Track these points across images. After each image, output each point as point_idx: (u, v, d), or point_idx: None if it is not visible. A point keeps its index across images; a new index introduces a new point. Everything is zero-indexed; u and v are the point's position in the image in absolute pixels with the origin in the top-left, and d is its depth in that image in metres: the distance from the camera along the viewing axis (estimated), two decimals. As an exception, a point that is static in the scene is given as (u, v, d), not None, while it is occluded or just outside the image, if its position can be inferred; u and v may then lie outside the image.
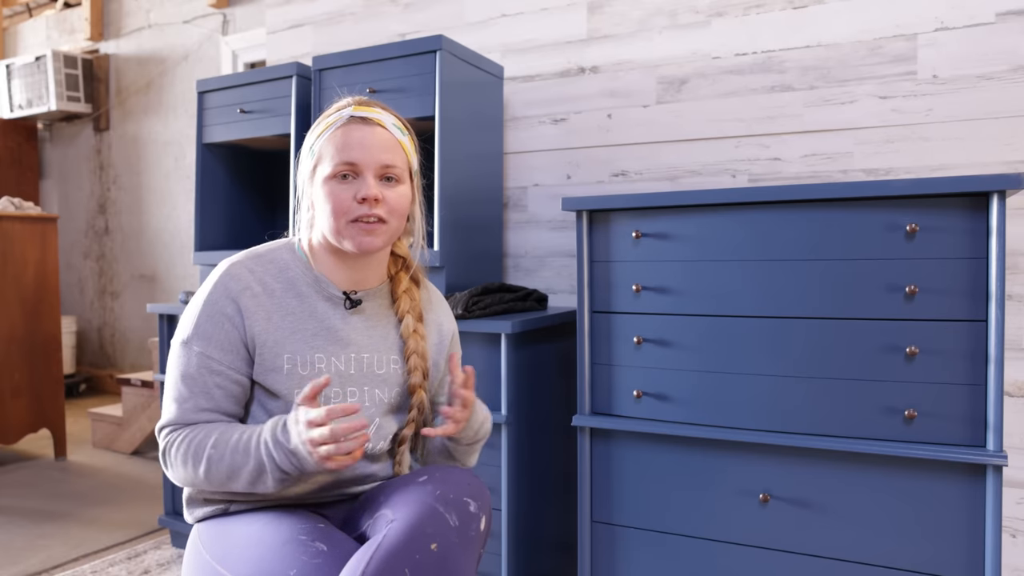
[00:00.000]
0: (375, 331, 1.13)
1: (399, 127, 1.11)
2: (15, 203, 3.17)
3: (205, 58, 4.25)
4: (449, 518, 0.95)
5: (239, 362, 1.05)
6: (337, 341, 1.09)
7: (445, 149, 1.85)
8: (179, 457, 1.02)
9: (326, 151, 1.07)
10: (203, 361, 1.03)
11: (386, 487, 1.07)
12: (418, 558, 0.90)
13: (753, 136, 1.96)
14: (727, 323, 1.45)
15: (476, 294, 1.77)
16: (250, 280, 1.07)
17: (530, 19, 2.26)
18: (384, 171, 1.07)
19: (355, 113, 1.08)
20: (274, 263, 1.10)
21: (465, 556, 0.95)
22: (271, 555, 0.94)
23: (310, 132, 1.12)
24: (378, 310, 1.15)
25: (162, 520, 2.23)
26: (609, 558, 1.57)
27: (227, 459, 0.99)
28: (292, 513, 1.04)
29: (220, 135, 2.28)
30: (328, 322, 1.09)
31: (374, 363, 1.12)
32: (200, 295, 1.07)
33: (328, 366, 1.08)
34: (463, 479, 1.02)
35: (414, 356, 1.14)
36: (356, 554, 0.91)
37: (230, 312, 1.04)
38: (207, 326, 1.04)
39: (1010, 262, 1.69)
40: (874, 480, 1.34)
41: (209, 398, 1.04)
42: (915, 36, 1.78)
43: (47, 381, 3.18)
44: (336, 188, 1.05)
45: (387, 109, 1.12)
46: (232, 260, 1.09)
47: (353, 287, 1.13)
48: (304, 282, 1.10)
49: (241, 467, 0.99)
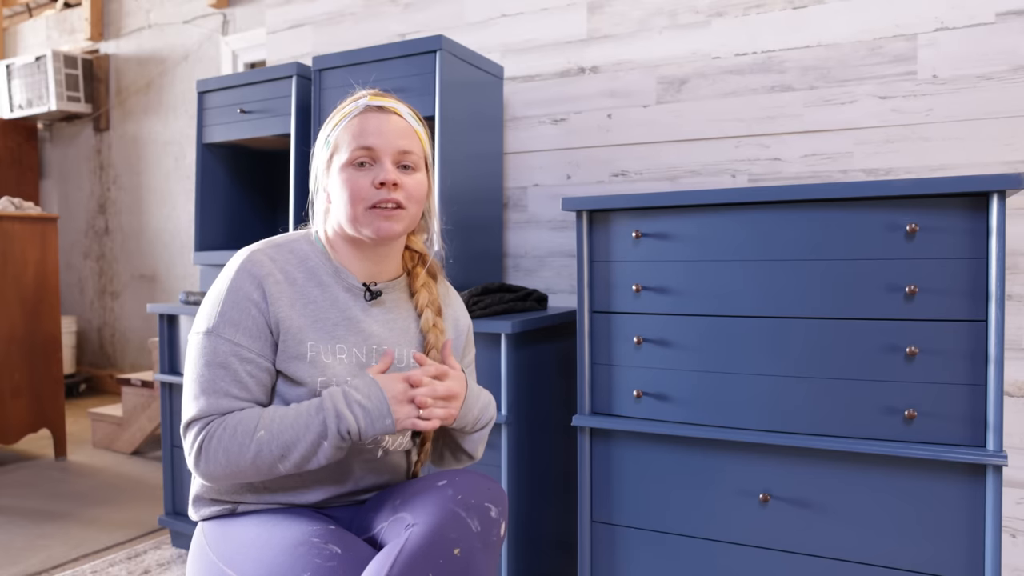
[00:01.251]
0: (395, 324, 1.13)
1: (414, 117, 1.12)
2: (15, 203, 3.17)
3: (205, 58, 4.25)
4: (471, 523, 0.94)
5: (267, 349, 1.03)
6: (359, 332, 1.09)
7: (445, 149, 1.85)
8: (222, 447, 0.98)
9: (343, 139, 1.07)
10: (233, 349, 1.01)
11: (399, 490, 1.06)
12: (442, 563, 0.88)
13: (753, 136, 1.96)
14: (727, 323, 1.45)
15: (476, 294, 1.77)
16: (272, 267, 1.05)
17: (530, 19, 2.26)
18: (401, 157, 1.07)
19: (372, 102, 1.08)
20: (294, 253, 1.09)
21: (487, 562, 0.94)
22: (283, 557, 0.93)
23: (325, 124, 1.12)
24: (397, 303, 1.14)
25: (162, 520, 2.23)
26: (609, 558, 1.57)
27: (283, 435, 0.97)
28: (302, 515, 1.03)
29: (220, 135, 2.28)
30: (349, 312, 1.08)
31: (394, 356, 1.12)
32: (221, 283, 1.04)
33: (349, 356, 1.07)
34: (483, 484, 1.01)
35: (434, 351, 1.13)
36: (377, 557, 0.90)
37: (256, 297, 1.02)
38: (233, 313, 1.01)
39: (1010, 262, 1.69)
40: (874, 480, 1.34)
41: (242, 387, 1.01)
42: (915, 36, 1.78)
43: (47, 381, 3.18)
44: (354, 175, 1.05)
45: (402, 101, 1.13)
46: (251, 248, 1.08)
47: (371, 279, 1.12)
48: (325, 272, 1.09)
49: (298, 440, 0.97)
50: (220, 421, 1.00)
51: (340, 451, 0.99)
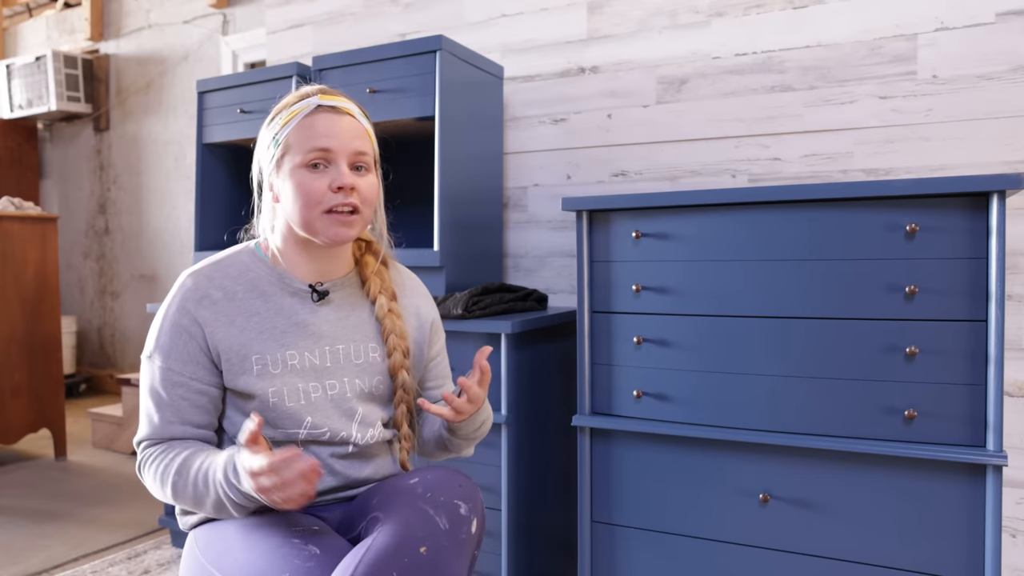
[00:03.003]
0: (348, 321, 1.12)
1: (364, 116, 1.11)
2: (15, 203, 3.17)
3: (205, 58, 4.24)
4: (439, 521, 0.94)
5: (201, 371, 1.04)
6: (309, 336, 1.08)
7: (445, 149, 1.85)
8: (150, 476, 1.05)
9: (295, 140, 1.05)
10: (165, 375, 1.04)
11: (379, 488, 1.06)
12: (407, 561, 0.89)
13: (753, 136, 1.96)
14: (727, 323, 1.45)
15: (476, 294, 1.77)
16: (208, 288, 1.06)
17: (530, 19, 2.26)
18: (356, 159, 1.06)
19: (323, 102, 1.07)
20: (234, 266, 1.09)
21: (456, 559, 0.94)
22: (264, 558, 0.94)
23: (270, 122, 1.10)
24: (348, 299, 1.14)
25: (162, 520, 2.23)
26: (609, 558, 1.57)
27: (190, 489, 1.00)
28: (287, 516, 1.03)
29: (220, 135, 2.28)
30: (296, 317, 1.08)
31: (351, 353, 1.11)
32: (161, 309, 1.07)
33: (302, 361, 1.07)
34: (454, 481, 1.02)
35: (392, 336, 1.13)
36: (345, 558, 0.91)
37: (186, 323, 1.04)
38: (165, 340, 1.05)
39: (1010, 262, 1.69)
40: (874, 480, 1.34)
41: (176, 411, 1.04)
42: (915, 36, 1.78)
43: (47, 381, 3.18)
44: (308, 177, 1.04)
45: (350, 98, 1.11)
46: (191, 271, 1.09)
47: (319, 279, 1.11)
48: (267, 281, 1.09)
49: (204, 497, 0.99)
50: (154, 449, 1.05)
51: (250, 510, 1.00)
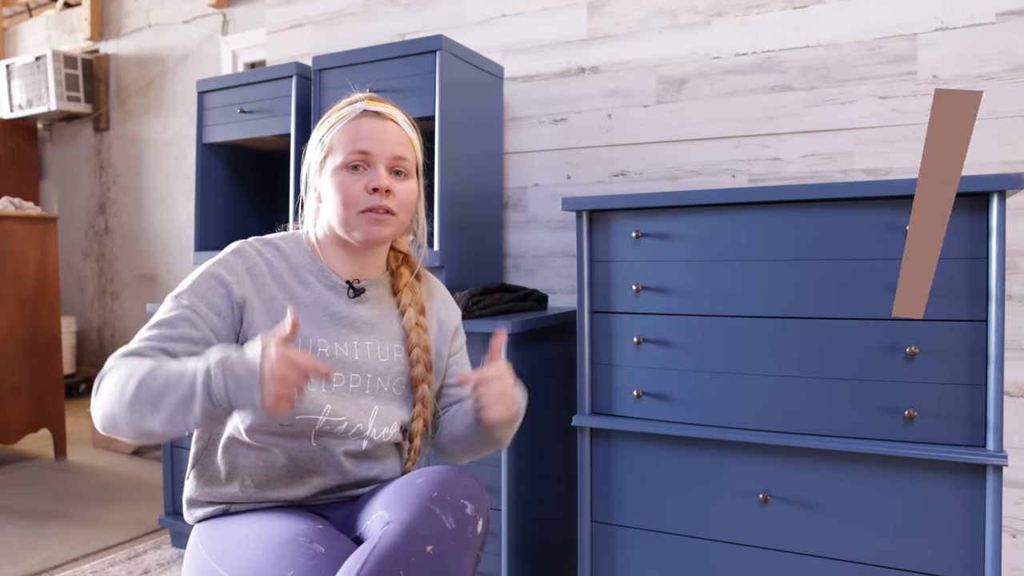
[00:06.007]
0: (378, 320, 1.15)
1: (409, 123, 1.14)
2: (15, 203, 3.17)
3: (205, 58, 4.24)
4: (445, 520, 0.94)
5: (220, 326, 1.04)
6: (341, 327, 1.11)
7: (445, 149, 1.85)
8: (114, 378, 0.95)
9: (338, 142, 1.09)
10: (186, 312, 1.02)
11: (385, 488, 1.06)
12: (413, 560, 0.89)
13: (753, 136, 1.96)
14: (727, 323, 1.45)
15: (476, 294, 1.77)
16: (258, 260, 1.09)
17: (530, 19, 2.26)
18: (395, 164, 1.09)
19: (368, 107, 1.10)
20: (280, 250, 1.13)
21: (462, 559, 0.94)
22: (269, 555, 0.94)
23: (319, 125, 1.14)
24: (380, 300, 1.17)
25: (162, 520, 2.23)
26: (609, 558, 1.57)
27: (160, 382, 0.92)
28: (292, 514, 1.04)
29: (220, 135, 2.28)
30: (332, 309, 1.11)
31: (377, 351, 1.13)
32: (207, 263, 1.09)
33: (331, 350, 1.09)
34: (460, 480, 1.02)
35: (416, 350, 1.15)
36: (351, 556, 0.91)
37: (230, 280, 1.05)
38: (202, 286, 1.05)
39: (1010, 262, 1.69)
40: (874, 480, 1.34)
41: (174, 341, 1.00)
42: (915, 36, 1.78)
43: (47, 381, 3.18)
44: (347, 178, 1.07)
45: (397, 106, 1.15)
46: (243, 240, 1.12)
47: (355, 277, 1.15)
48: (308, 270, 1.12)
49: (169, 391, 0.91)
50: (132, 358, 0.97)
51: (213, 417, 0.92)
